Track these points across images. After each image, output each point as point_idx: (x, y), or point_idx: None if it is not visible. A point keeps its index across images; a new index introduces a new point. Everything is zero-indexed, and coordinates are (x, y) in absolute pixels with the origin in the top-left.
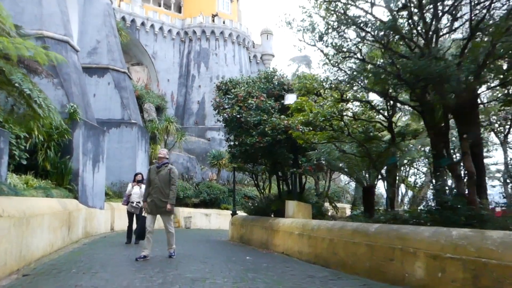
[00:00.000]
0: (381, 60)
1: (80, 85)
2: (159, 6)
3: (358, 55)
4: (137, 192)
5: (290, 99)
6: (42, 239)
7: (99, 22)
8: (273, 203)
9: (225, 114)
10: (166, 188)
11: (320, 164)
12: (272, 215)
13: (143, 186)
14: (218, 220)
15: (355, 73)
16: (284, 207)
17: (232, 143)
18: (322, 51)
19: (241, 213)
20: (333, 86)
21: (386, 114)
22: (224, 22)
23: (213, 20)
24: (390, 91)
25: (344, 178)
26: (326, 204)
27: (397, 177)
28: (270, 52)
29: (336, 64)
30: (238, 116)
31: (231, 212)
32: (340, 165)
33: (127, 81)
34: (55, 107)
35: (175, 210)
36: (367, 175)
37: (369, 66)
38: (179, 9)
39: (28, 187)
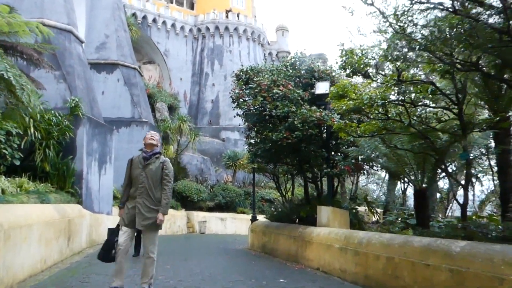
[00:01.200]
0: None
1: (85, 79)
2: (171, 2)
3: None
4: None
5: (321, 87)
6: (30, 255)
7: (108, 15)
8: (301, 209)
9: (245, 107)
10: (157, 190)
11: (360, 163)
12: (297, 222)
13: None
14: (234, 224)
15: (435, 32)
16: (314, 213)
17: (253, 140)
18: (382, 12)
19: (260, 218)
20: (399, 55)
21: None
22: (238, 18)
23: (227, 16)
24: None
25: (362, 179)
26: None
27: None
28: (286, 49)
29: (402, 28)
30: (262, 108)
31: (250, 217)
32: (384, 163)
33: (137, 78)
34: (33, 88)
35: (188, 215)
36: (419, 176)
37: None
38: (191, 6)
39: (22, 191)
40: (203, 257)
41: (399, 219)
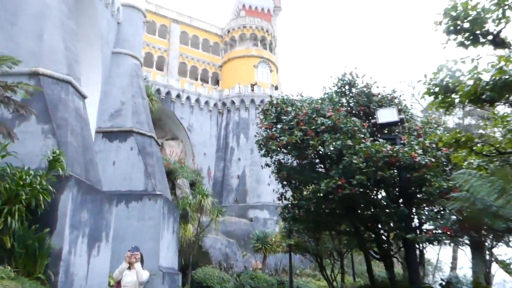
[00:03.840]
0: None
1: (83, 136)
2: (196, 80)
3: None
4: (129, 281)
5: (386, 115)
6: None
7: (125, 82)
8: None
9: (276, 148)
10: None
11: (475, 218)
12: None
13: (140, 269)
14: None
15: None
16: None
17: (289, 203)
18: None
19: None
20: None
21: None
22: (264, 91)
23: (253, 89)
24: None
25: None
26: None
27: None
28: None
29: None
30: (300, 149)
31: None
32: None
33: (153, 147)
34: None
35: None
36: None
37: None
38: (216, 83)
39: None
40: None
41: None
